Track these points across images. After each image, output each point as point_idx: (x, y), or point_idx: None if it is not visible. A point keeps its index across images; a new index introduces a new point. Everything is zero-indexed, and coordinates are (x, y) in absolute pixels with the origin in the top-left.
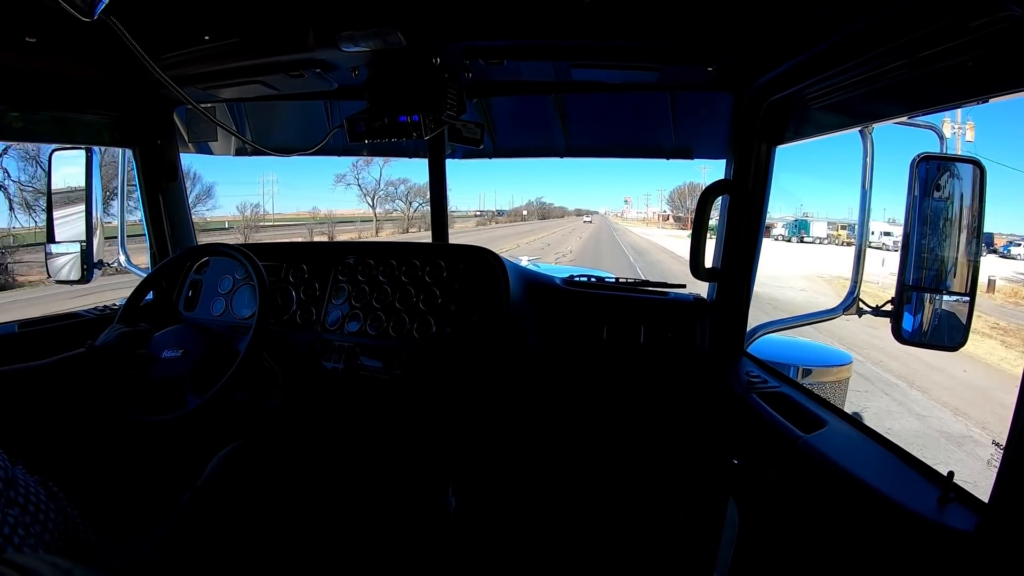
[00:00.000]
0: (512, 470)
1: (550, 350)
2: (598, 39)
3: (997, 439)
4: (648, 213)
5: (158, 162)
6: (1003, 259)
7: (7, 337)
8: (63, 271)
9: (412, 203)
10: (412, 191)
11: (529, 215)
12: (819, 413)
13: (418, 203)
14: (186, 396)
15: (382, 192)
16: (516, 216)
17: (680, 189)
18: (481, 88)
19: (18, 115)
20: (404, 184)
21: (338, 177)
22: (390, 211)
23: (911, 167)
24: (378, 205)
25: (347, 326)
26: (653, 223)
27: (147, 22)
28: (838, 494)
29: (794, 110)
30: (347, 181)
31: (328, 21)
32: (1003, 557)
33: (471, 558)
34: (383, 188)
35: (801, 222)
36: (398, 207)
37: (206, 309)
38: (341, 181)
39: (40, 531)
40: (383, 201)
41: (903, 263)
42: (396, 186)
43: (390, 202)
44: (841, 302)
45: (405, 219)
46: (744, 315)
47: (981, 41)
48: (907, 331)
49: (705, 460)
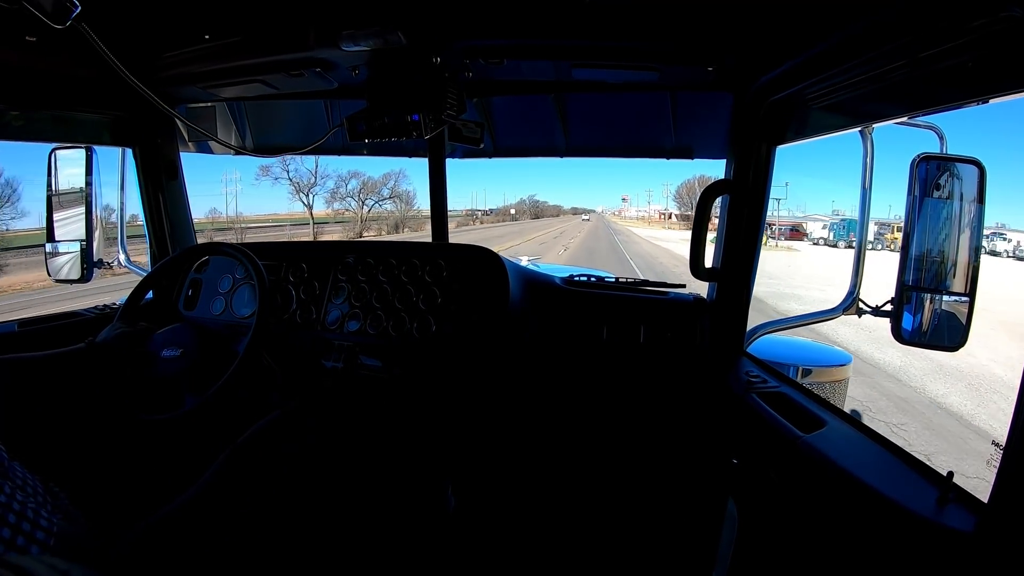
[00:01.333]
0: (512, 469)
1: (550, 350)
2: (598, 39)
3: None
4: (650, 211)
5: (158, 161)
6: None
7: (7, 335)
8: (63, 270)
9: (365, 201)
10: (365, 186)
11: (521, 214)
12: (818, 413)
13: (372, 201)
14: (184, 396)
15: (322, 189)
16: (504, 215)
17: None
18: (481, 87)
19: (18, 114)
20: (355, 178)
21: (263, 169)
22: (341, 211)
23: (911, 167)
24: (328, 204)
25: (347, 325)
26: (656, 222)
27: (148, 22)
28: (837, 494)
29: (794, 110)
30: (274, 174)
31: (329, 20)
32: (1002, 557)
33: (471, 557)
34: (320, 182)
35: (849, 222)
36: (349, 206)
37: (206, 308)
38: (267, 174)
39: (34, 518)
40: (331, 200)
41: (903, 263)
42: (345, 181)
43: (340, 200)
44: (841, 302)
45: (358, 220)
46: (744, 315)
47: (981, 42)
48: (907, 331)
49: (705, 460)
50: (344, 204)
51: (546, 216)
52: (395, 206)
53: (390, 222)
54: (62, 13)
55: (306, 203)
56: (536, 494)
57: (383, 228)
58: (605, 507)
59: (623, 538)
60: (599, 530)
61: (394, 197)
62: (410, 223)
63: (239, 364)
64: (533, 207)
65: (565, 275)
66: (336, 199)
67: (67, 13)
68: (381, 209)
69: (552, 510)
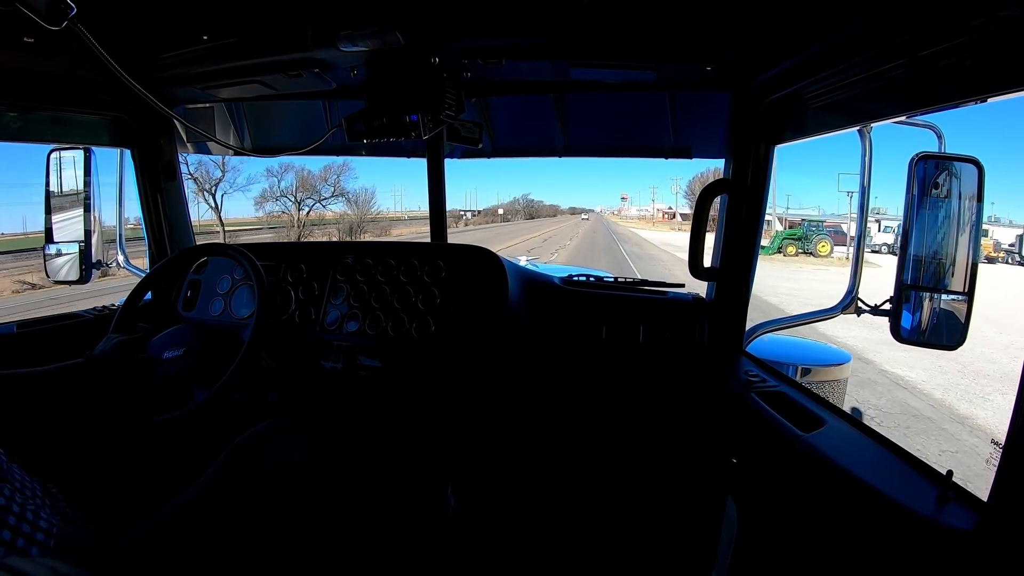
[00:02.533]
0: (512, 469)
1: (549, 349)
2: (597, 38)
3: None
4: (653, 210)
5: (156, 162)
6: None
7: (6, 337)
8: (62, 271)
9: (303, 202)
10: (303, 183)
11: (514, 214)
12: (818, 412)
13: (312, 202)
14: (193, 391)
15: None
16: (492, 216)
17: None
18: (480, 88)
19: (16, 115)
20: (290, 172)
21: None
22: (277, 214)
23: (909, 166)
24: (258, 206)
25: (346, 326)
26: (660, 222)
27: (145, 22)
28: (837, 493)
29: (793, 109)
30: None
31: (327, 21)
32: (1002, 556)
33: (470, 558)
34: (227, 178)
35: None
36: (285, 208)
37: (205, 309)
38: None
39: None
40: (262, 201)
41: (901, 262)
42: (278, 176)
43: (274, 200)
44: (840, 301)
45: (295, 225)
46: (743, 314)
47: (980, 41)
48: (905, 330)
49: (704, 459)
50: (281, 205)
51: (542, 216)
52: (348, 207)
53: (343, 226)
54: (56, 15)
55: (212, 204)
56: (536, 494)
57: (332, 235)
58: (605, 507)
59: (623, 538)
60: (599, 530)
61: (337, 195)
62: (369, 227)
63: (245, 353)
64: (528, 207)
65: (564, 275)
66: (268, 199)
67: (62, 15)
68: (327, 211)
69: (552, 510)
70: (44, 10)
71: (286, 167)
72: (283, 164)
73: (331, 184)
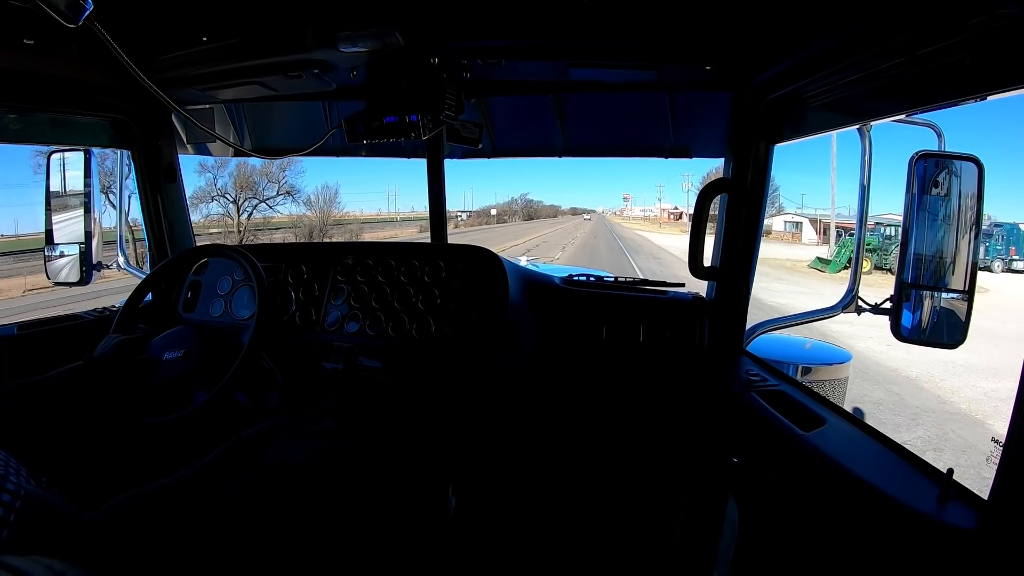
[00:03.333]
0: (512, 470)
1: (549, 349)
2: (596, 38)
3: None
4: (657, 210)
5: (156, 164)
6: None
7: (6, 339)
8: (62, 273)
9: (243, 205)
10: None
11: (511, 215)
12: (819, 411)
13: (254, 202)
14: (193, 392)
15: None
16: (484, 217)
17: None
18: (479, 88)
19: (16, 117)
20: (224, 168)
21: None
22: (216, 218)
23: (909, 165)
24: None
25: (346, 326)
26: (666, 223)
27: (145, 23)
28: (838, 492)
29: (792, 108)
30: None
31: (326, 21)
32: (1003, 554)
33: (471, 559)
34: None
35: (1010, 229)
36: (225, 211)
37: (205, 310)
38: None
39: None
40: (196, 201)
41: (901, 261)
42: (213, 172)
43: (209, 202)
44: (840, 300)
45: (235, 230)
46: (743, 313)
47: (979, 39)
48: (906, 328)
49: (705, 459)
50: (222, 206)
51: (541, 217)
52: (307, 208)
53: (301, 230)
54: (76, 12)
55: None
56: (537, 494)
57: (288, 238)
58: (606, 506)
59: (624, 537)
60: (600, 530)
61: (284, 194)
62: (335, 231)
63: (245, 355)
64: (526, 207)
65: (564, 275)
66: (204, 199)
67: (80, 12)
68: (274, 214)
69: (553, 510)
70: (64, 8)
71: (222, 161)
72: (220, 159)
73: (275, 181)
